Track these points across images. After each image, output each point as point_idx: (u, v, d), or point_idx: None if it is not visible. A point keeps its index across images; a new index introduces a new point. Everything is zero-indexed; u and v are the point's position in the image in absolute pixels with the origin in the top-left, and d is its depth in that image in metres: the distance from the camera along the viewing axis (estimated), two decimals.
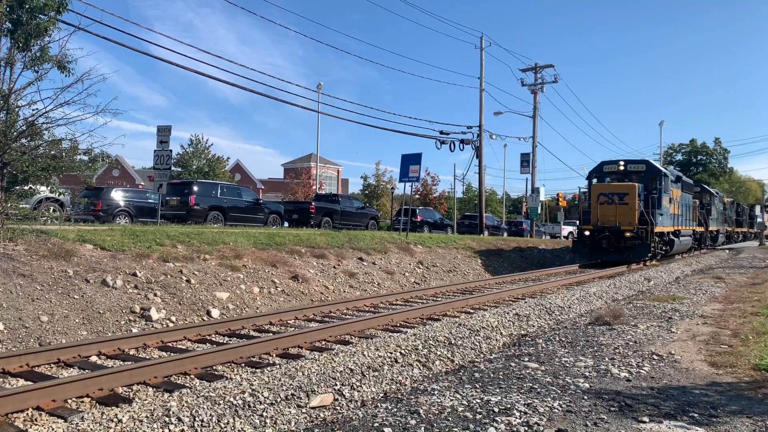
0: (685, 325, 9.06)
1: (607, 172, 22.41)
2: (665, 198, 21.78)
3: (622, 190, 20.49)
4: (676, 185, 24.73)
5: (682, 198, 25.88)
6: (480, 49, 31.50)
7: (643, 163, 22.49)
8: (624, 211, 20.08)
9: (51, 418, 4.48)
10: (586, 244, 21.17)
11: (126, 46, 37.84)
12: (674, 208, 23.74)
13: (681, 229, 24.54)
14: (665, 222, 21.83)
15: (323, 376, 5.45)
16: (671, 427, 4.50)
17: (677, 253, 25.93)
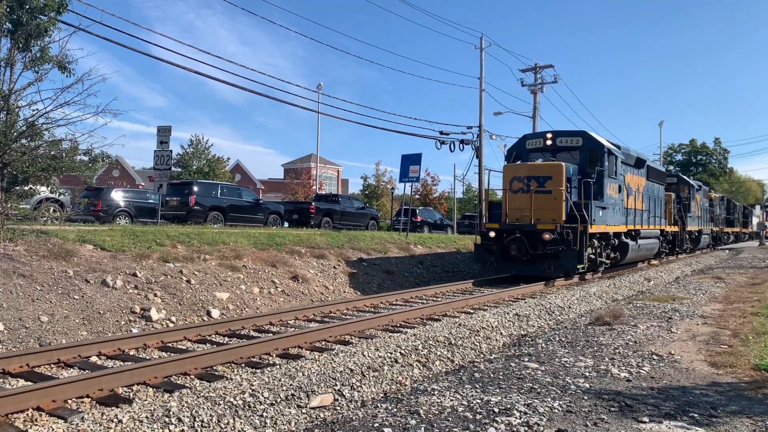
0: (685, 325, 9.06)
1: (531, 150, 16.11)
2: (611, 185, 15.86)
3: (541, 173, 14.35)
4: (636, 171, 19.07)
5: (648, 189, 20.35)
6: (480, 49, 31.48)
7: (579, 136, 15.77)
8: (544, 203, 14.14)
9: (51, 419, 4.48)
10: (491, 251, 14.84)
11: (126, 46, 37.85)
12: (632, 201, 18.15)
13: (641, 229, 18.48)
14: (612, 218, 15.97)
15: (323, 376, 5.45)
16: (671, 427, 4.50)
17: (635, 261, 19.98)
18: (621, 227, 16.71)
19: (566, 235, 13.70)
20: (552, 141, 15.90)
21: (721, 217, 39.89)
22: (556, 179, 14.26)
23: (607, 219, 15.53)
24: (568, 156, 15.59)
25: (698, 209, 29.95)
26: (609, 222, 15.69)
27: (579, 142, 15.72)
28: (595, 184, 14.96)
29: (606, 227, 15.40)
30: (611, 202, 15.83)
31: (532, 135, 16.70)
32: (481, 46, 31.41)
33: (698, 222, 29.87)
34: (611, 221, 15.89)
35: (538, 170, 14.60)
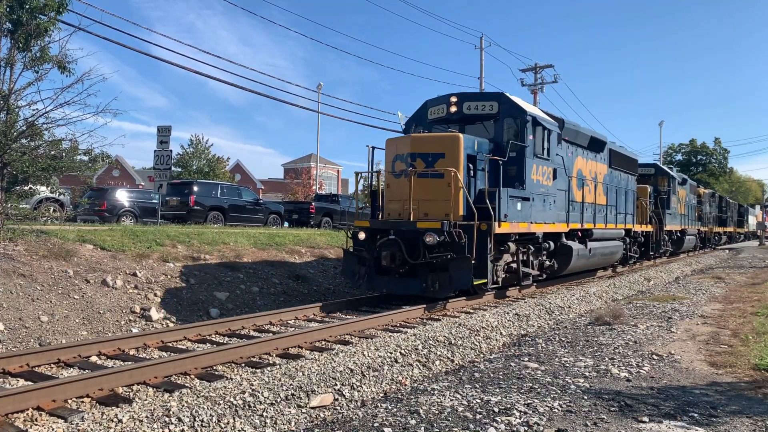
0: (685, 325, 9.07)
1: (434, 120, 12.09)
2: (539, 168, 11.83)
3: (430, 148, 10.35)
4: (592, 155, 15.22)
5: (611, 179, 16.86)
6: (480, 49, 31.49)
7: (495, 100, 11.66)
8: (433, 191, 10.21)
9: (51, 418, 4.48)
10: (361, 260, 10.61)
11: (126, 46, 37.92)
12: (584, 192, 14.37)
13: (594, 229, 14.66)
14: (542, 214, 12.00)
15: (323, 376, 5.45)
16: (671, 427, 4.50)
17: (587, 270, 15.62)
18: (559, 226, 12.67)
19: (458, 236, 9.62)
20: (457, 107, 11.67)
21: (712, 215, 36.10)
22: (451, 157, 10.07)
23: (534, 214, 11.45)
24: (480, 129, 11.59)
25: (681, 206, 25.98)
26: (537, 218, 11.62)
27: (494, 109, 11.46)
28: (511, 166, 11.03)
29: (530, 225, 11.35)
30: (540, 191, 11.74)
31: (435, 100, 12.18)
32: (481, 46, 31.41)
33: (681, 220, 25.70)
34: (541, 217, 11.83)
35: (425, 144, 10.31)
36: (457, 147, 10.24)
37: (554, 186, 12.56)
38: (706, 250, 34.00)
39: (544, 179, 12.08)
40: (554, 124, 12.61)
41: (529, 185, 11.33)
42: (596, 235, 14.74)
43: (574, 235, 13.82)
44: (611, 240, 16.21)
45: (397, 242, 9.99)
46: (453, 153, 10.21)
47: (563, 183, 13.20)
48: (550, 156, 12.32)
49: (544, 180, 12.08)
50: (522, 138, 11.24)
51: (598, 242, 14.87)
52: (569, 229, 13.35)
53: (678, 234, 25.14)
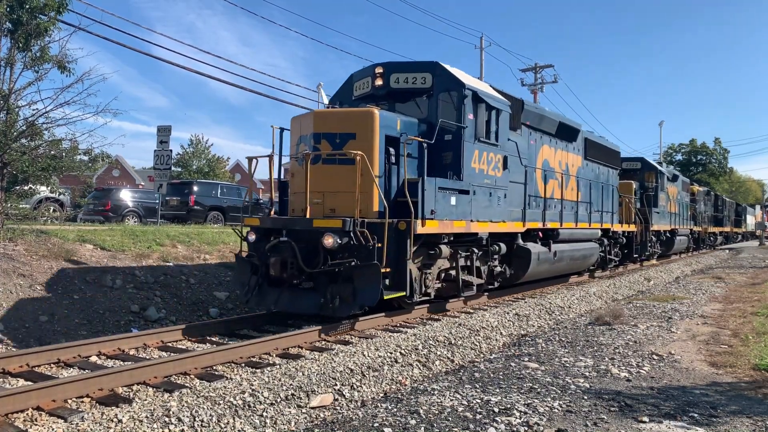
0: (685, 325, 9.07)
1: (360, 97, 10.08)
2: (483, 155, 9.76)
3: (338, 126, 8.45)
4: (562, 143, 13.33)
5: (587, 172, 14.88)
6: (480, 49, 31.49)
7: (428, 71, 9.53)
8: (341, 182, 8.22)
9: (51, 418, 4.48)
10: (253, 268, 8.56)
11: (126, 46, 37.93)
12: (551, 187, 12.63)
13: (559, 228, 12.64)
14: (488, 211, 9.89)
15: (323, 376, 5.45)
16: (671, 427, 4.50)
17: (553, 276, 13.55)
18: (512, 225, 10.70)
19: (364, 238, 7.54)
20: (383, 80, 9.58)
21: (707, 214, 33.97)
22: (363, 138, 8.13)
23: (476, 211, 9.42)
24: (413, 108, 9.61)
25: (672, 203, 24.01)
26: (480, 216, 9.56)
27: (427, 82, 9.46)
28: (446, 152, 9.15)
29: (470, 224, 9.26)
30: (484, 183, 9.68)
31: (360, 72, 10.18)
32: (481, 46, 31.42)
33: (671, 219, 23.67)
34: (486, 215, 9.75)
35: (332, 122, 8.40)
36: (371, 126, 8.15)
37: (505, 177, 10.44)
38: (702, 251, 32.40)
39: (490, 168, 9.90)
40: (505, 103, 10.45)
41: (468, 175, 9.19)
42: (564, 236, 12.79)
43: (534, 235, 11.84)
44: (584, 241, 14.13)
45: (291, 245, 7.86)
46: (366, 133, 8.16)
47: (518, 174, 11.17)
48: (499, 141, 10.17)
49: (490, 169, 9.90)
50: (459, 117, 9.14)
51: (566, 244, 12.92)
52: (526, 228, 11.33)
53: (667, 234, 23.15)
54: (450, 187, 8.84)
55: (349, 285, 7.67)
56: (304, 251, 7.90)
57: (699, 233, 31.35)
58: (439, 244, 8.76)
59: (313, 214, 8.18)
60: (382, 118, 8.41)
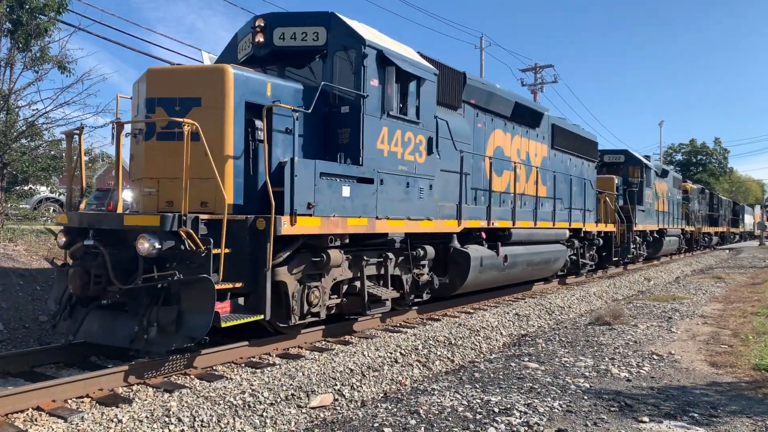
0: (685, 325, 9.07)
1: (245, 60, 7.91)
2: (399, 134, 7.90)
3: (180, 90, 6.27)
4: (509, 126, 11.34)
5: (553, 163, 13.08)
6: (480, 49, 31.49)
7: (321, 25, 7.44)
8: (178, 166, 5.61)
9: (51, 418, 4.47)
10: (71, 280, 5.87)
11: (126, 46, 37.91)
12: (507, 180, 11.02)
13: (511, 228, 10.78)
14: (399, 205, 7.89)
15: (323, 376, 5.45)
16: (671, 427, 4.51)
17: (490, 288, 10.93)
18: (441, 223, 8.74)
19: (193, 243, 5.49)
20: (265, 36, 7.54)
21: (701, 214, 31.97)
22: (212, 104, 6.20)
23: (384, 205, 7.47)
24: (308, 73, 7.79)
25: (661, 201, 22.19)
26: (391, 211, 7.61)
27: (320, 38, 7.45)
28: (342, 128, 7.29)
29: (374, 222, 7.31)
30: (397, 169, 7.75)
31: (244, 28, 8.13)
32: (481, 46, 31.41)
33: (659, 218, 21.73)
34: (402, 210, 7.81)
35: (169, 83, 6.44)
36: (222, 88, 6.14)
37: (431, 164, 8.43)
38: (695, 252, 30.70)
39: (406, 152, 7.93)
40: (428, 71, 8.36)
41: (371, 159, 7.23)
42: (518, 237, 10.86)
43: (477, 236, 9.89)
44: (547, 243, 12.21)
45: (99, 251, 5.76)
46: (215, 98, 6.15)
47: (452, 161, 9.13)
48: (422, 118, 8.17)
49: (406, 153, 7.93)
50: (359, 83, 7.14)
51: (522, 247, 10.99)
52: (463, 228, 9.27)
53: (655, 235, 21.29)
54: (341, 173, 6.79)
55: (173, 308, 5.49)
56: (118, 259, 5.71)
57: (692, 233, 29.57)
58: (326, 249, 6.69)
59: (145, 208, 6.22)
60: (240, 79, 6.31)
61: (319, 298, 6.83)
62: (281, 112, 6.63)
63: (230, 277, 5.76)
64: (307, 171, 6.37)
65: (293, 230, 6.14)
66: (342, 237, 6.96)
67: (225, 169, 6.12)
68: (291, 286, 6.45)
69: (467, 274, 9.08)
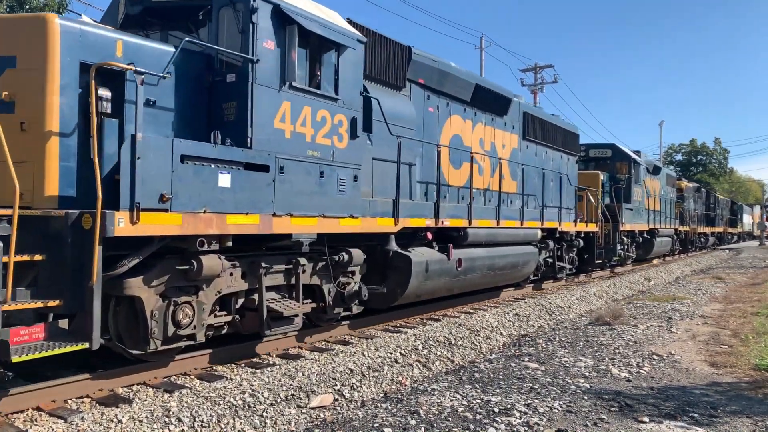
0: (685, 325, 9.07)
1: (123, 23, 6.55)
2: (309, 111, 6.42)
3: None
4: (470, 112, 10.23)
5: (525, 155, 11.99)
6: (480, 49, 31.50)
7: None
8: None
9: (51, 418, 4.48)
10: None
11: None
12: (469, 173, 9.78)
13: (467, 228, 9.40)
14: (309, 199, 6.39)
15: (323, 376, 5.45)
16: (671, 427, 4.51)
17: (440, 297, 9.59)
18: (374, 222, 7.46)
19: None
20: None
21: (697, 213, 30.64)
22: (30, 64, 4.88)
23: (287, 199, 6.13)
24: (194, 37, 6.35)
25: (653, 200, 21.01)
26: (299, 207, 6.27)
27: None
28: (226, 99, 5.96)
29: (271, 220, 5.98)
30: (308, 155, 6.42)
31: None
32: (481, 46, 31.43)
33: (650, 218, 20.52)
34: (312, 205, 6.45)
35: None
36: (44, 44, 4.85)
37: (358, 151, 7.08)
38: (691, 254, 29.37)
39: (320, 135, 6.51)
40: (351, 37, 7.04)
41: (266, 140, 5.87)
42: (477, 238, 9.55)
43: (422, 237, 8.57)
44: (513, 245, 10.85)
45: None
46: (35, 56, 4.85)
47: (391, 149, 7.83)
48: (342, 94, 6.82)
49: (319, 136, 6.50)
50: (246, 44, 5.80)
51: (481, 249, 9.74)
52: (402, 228, 7.93)
53: (645, 235, 20.12)
54: (216, 157, 5.42)
55: None
56: None
57: (686, 234, 28.24)
58: (198, 255, 5.37)
59: None
60: (71, 34, 4.96)
61: (191, 316, 5.47)
62: (138, 79, 4.98)
63: (47, 293, 4.52)
64: (159, 152, 4.94)
65: (136, 230, 4.75)
66: (222, 239, 5.55)
67: (47, 150, 4.78)
68: (149, 303, 5.12)
69: (408, 281, 7.85)
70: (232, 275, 5.84)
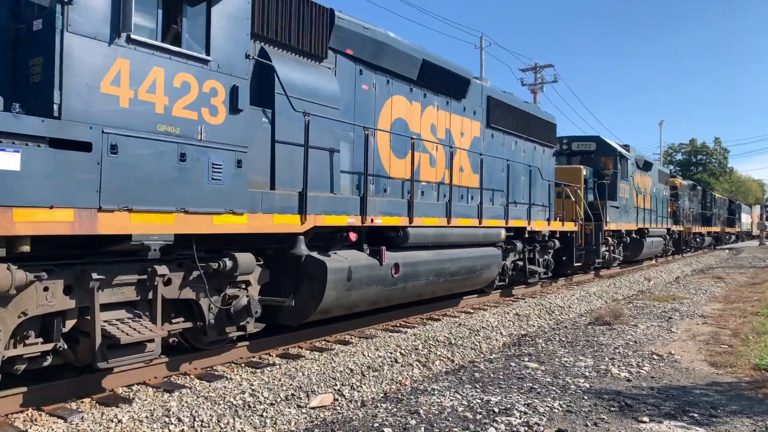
0: (685, 324, 9.07)
1: None
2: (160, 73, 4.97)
3: None
4: (419, 93, 8.95)
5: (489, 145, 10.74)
6: (480, 49, 31.49)
7: None
8: None
9: (51, 418, 4.47)
10: None
11: None
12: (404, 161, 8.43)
13: (408, 227, 8.06)
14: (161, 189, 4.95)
15: (323, 376, 5.45)
16: (671, 427, 4.51)
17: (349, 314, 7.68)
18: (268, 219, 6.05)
19: None
20: None
21: (692, 212, 29.19)
22: None
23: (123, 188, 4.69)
24: None
25: (643, 197, 19.71)
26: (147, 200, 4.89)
27: None
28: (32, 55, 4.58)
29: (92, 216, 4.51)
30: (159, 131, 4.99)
31: None
32: (481, 45, 31.41)
33: (639, 216, 19.12)
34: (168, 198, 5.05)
35: None
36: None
37: (245, 128, 5.69)
38: (686, 255, 28.09)
39: (178, 105, 5.14)
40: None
41: (87, 108, 4.51)
42: (419, 239, 8.24)
43: (343, 238, 7.14)
44: (469, 246, 9.50)
45: None
46: None
47: (297, 130, 6.34)
48: (215, 53, 5.42)
49: (178, 107, 5.13)
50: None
51: (426, 252, 8.42)
52: (312, 227, 6.51)
53: (634, 235, 18.78)
54: None
55: None
56: None
57: (680, 234, 26.79)
58: None
59: None
60: None
61: None
62: None
63: None
64: None
65: None
66: (15, 241, 4.16)
67: None
68: None
69: (323, 291, 6.47)
70: (47, 290, 4.47)
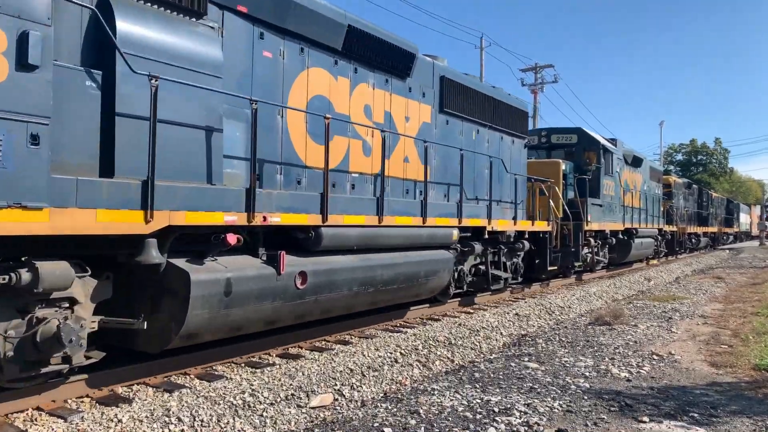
0: (686, 325, 9.07)
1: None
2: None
3: None
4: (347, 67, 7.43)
5: (444, 132, 9.41)
6: (480, 49, 31.49)
7: None
8: None
9: (51, 418, 4.47)
10: None
11: None
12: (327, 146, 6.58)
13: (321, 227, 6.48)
14: None
15: (323, 376, 5.45)
16: (671, 427, 4.51)
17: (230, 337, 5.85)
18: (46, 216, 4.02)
19: None
20: None
21: (687, 211, 27.94)
22: None
23: None
24: None
25: (632, 195, 18.45)
26: None
27: None
28: None
29: None
30: None
31: None
32: (481, 45, 31.42)
33: (626, 216, 17.71)
34: None
35: None
36: None
37: (39, 90, 4.03)
38: (680, 256, 26.95)
39: None
40: None
41: None
42: (339, 241, 6.82)
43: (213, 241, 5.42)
44: (411, 249, 8.18)
45: None
46: None
47: (142, 98, 4.74)
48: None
49: None
50: None
51: (349, 257, 7.00)
52: (166, 227, 4.89)
53: (621, 236, 17.35)
54: None
55: None
56: None
57: (674, 234, 25.38)
58: None
59: None
60: None
61: None
62: None
63: None
64: None
65: None
66: None
67: None
68: None
69: (186, 311, 4.96)
70: None
